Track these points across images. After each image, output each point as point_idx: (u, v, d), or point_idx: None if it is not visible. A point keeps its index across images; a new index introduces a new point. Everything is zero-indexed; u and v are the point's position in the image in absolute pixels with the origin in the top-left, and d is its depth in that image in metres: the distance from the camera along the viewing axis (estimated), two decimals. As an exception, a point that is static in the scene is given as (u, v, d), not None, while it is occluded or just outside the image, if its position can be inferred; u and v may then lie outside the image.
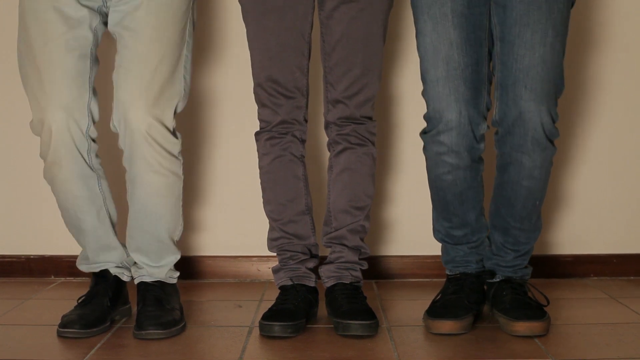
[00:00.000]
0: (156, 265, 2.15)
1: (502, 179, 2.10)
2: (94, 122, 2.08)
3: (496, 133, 2.08)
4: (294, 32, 2.09)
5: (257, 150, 2.20)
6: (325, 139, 2.27)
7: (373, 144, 2.18)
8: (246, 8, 2.12)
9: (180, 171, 2.11)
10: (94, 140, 2.09)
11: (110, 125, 2.06)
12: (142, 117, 2.00)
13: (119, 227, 2.21)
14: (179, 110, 2.09)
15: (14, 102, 2.71)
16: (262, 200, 2.22)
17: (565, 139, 2.71)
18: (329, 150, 2.20)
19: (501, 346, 1.93)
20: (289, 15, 2.08)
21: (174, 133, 2.08)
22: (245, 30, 2.15)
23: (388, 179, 2.73)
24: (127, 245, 2.17)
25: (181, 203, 2.15)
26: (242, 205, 2.72)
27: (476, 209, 2.14)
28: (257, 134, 2.20)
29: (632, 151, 2.73)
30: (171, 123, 2.06)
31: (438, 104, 2.03)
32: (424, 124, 2.13)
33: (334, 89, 2.13)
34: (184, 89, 2.09)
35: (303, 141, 2.19)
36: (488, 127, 2.08)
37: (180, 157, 2.11)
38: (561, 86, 2.03)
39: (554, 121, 2.01)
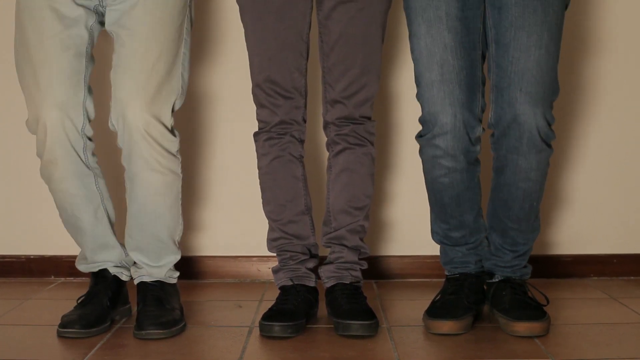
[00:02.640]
0: (155, 265, 2.15)
1: (498, 181, 2.10)
2: (89, 120, 2.08)
3: (492, 135, 2.08)
4: (292, 33, 2.09)
5: (256, 151, 2.20)
6: (324, 139, 2.27)
7: (372, 144, 2.17)
8: (244, 8, 2.12)
9: (178, 170, 2.11)
10: (89, 139, 2.09)
11: (109, 123, 2.07)
12: (139, 115, 2.01)
13: (118, 227, 2.21)
14: (176, 108, 2.10)
15: (12, 102, 2.70)
16: (261, 200, 2.22)
17: (565, 139, 2.71)
18: (328, 150, 2.20)
19: (501, 346, 1.93)
20: (287, 15, 2.08)
21: (172, 131, 2.08)
22: (243, 30, 2.15)
23: (387, 178, 2.73)
24: (126, 244, 2.17)
25: (180, 202, 2.15)
26: (242, 205, 2.72)
27: (473, 210, 2.14)
28: (255, 135, 2.20)
29: (632, 151, 2.73)
30: (169, 121, 2.07)
31: (433, 107, 2.02)
32: (423, 124, 2.14)
33: (333, 89, 2.12)
34: (182, 87, 2.10)
35: (302, 141, 2.19)
36: (483, 129, 2.07)
37: (179, 156, 2.11)
38: (556, 89, 2.01)
39: (549, 124, 2.00)
